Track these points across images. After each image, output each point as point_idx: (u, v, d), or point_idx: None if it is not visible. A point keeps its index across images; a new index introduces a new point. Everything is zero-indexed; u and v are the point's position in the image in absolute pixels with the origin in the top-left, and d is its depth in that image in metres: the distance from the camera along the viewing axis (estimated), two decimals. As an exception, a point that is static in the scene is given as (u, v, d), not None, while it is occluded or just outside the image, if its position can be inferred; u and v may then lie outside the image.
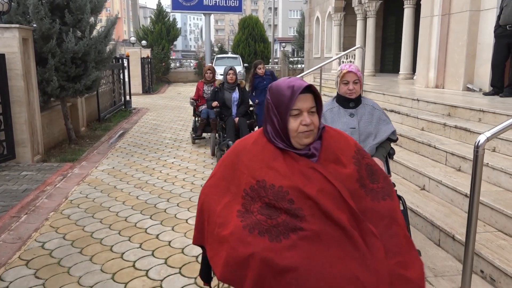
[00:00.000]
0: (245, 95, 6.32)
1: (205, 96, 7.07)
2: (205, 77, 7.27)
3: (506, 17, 5.61)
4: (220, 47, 27.99)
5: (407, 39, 10.73)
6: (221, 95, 6.15)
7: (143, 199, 4.46)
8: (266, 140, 1.63)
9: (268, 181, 1.53)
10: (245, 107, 6.25)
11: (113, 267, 3.00)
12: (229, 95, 6.15)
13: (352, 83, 2.77)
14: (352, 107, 2.85)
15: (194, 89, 7.50)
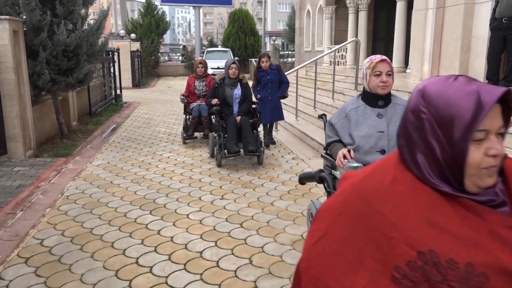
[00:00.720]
0: (248, 91, 5.75)
1: (197, 92, 6.72)
2: (196, 71, 6.77)
3: (502, 10, 5.62)
4: (210, 40, 27.76)
5: (400, 32, 10.75)
6: (222, 92, 5.60)
7: (141, 194, 4.39)
8: (414, 178, 0.94)
9: (441, 252, 0.85)
10: (247, 104, 5.69)
11: (115, 264, 2.94)
12: (230, 91, 5.60)
13: (385, 75, 2.43)
14: (381, 106, 2.50)
15: (185, 83, 7.17)
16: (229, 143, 5.21)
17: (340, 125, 2.61)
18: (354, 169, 2.27)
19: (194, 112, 6.49)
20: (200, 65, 6.78)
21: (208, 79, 6.78)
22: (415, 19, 7.97)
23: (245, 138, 5.24)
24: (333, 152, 2.62)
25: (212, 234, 3.42)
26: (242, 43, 24.49)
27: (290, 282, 2.69)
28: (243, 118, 5.45)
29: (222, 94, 5.60)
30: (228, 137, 5.26)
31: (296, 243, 3.22)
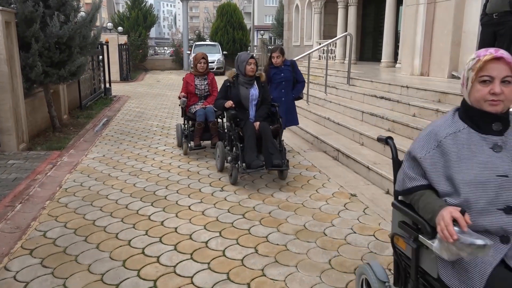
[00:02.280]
0: (266, 91, 4.76)
1: (198, 93, 5.67)
2: (196, 68, 5.70)
3: (493, 5, 5.74)
4: (198, 34, 27.61)
5: (389, 27, 10.88)
6: (236, 92, 4.59)
7: (141, 186, 4.40)
8: None
9: None
10: (266, 107, 4.68)
11: (122, 254, 2.96)
12: (246, 91, 4.59)
13: (499, 82, 1.53)
14: (497, 132, 1.58)
15: (174, 78, 7.11)
16: (249, 155, 4.21)
17: (430, 162, 1.65)
18: (478, 250, 1.39)
19: (199, 117, 5.39)
20: (203, 60, 5.69)
21: (210, 77, 5.81)
22: (406, 14, 8.09)
23: (267, 149, 4.25)
24: (422, 207, 1.63)
25: (215, 224, 3.45)
26: (231, 37, 24.42)
27: (297, 270, 2.74)
28: (263, 124, 4.45)
29: (235, 95, 4.59)
30: (247, 148, 4.27)
31: (299, 233, 3.28)
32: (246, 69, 4.56)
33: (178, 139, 5.96)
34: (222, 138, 5.21)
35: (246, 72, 4.56)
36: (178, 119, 8.15)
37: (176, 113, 9.26)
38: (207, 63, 5.76)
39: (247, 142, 4.30)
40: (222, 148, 4.78)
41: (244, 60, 4.58)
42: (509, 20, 5.57)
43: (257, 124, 4.44)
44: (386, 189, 4.14)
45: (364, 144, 5.30)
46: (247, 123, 4.43)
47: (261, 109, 4.66)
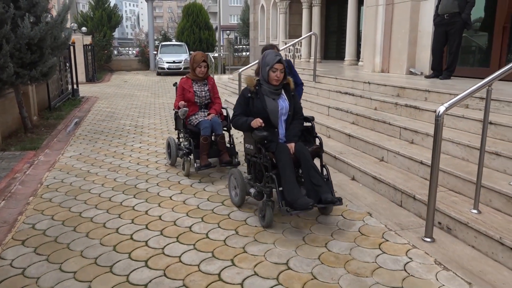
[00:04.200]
0: (298, 102, 3.78)
1: (197, 101, 4.78)
2: (195, 72, 4.76)
3: (444, 7, 6.27)
4: (164, 34, 27.50)
5: (351, 27, 11.39)
6: (260, 105, 3.55)
7: (122, 181, 4.58)
8: None
9: None
10: (299, 123, 3.67)
11: (111, 240, 3.17)
12: (273, 104, 3.56)
13: None
14: None
15: (142, 78, 7.03)
16: (290, 191, 3.17)
17: None
18: None
19: (204, 130, 4.48)
20: (203, 64, 4.76)
21: (210, 81, 4.94)
22: (367, 15, 8.57)
23: (309, 179, 3.29)
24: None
25: (197, 212, 3.71)
26: (197, 37, 24.51)
27: (275, 246, 3.05)
28: (299, 145, 3.44)
29: (260, 109, 3.54)
30: (286, 181, 3.22)
31: (275, 216, 3.58)
32: (270, 77, 3.50)
33: (172, 157, 5.00)
34: (231, 154, 4.63)
35: (270, 80, 3.53)
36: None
37: (148, 113, 9.40)
38: (208, 67, 4.89)
39: (283, 172, 3.24)
40: (240, 177, 3.73)
41: (269, 63, 3.48)
42: (459, 20, 6.12)
43: (292, 147, 3.41)
44: (352, 176, 4.52)
45: (331, 136, 5.67)
46: (279, 146, 3.36)
47: (293, 125, 3.62)
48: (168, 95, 12.75)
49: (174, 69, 20.63)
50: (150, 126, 7.74)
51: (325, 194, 3.21)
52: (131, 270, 2.74)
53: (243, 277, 2.64)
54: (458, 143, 3.91)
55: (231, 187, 3.96)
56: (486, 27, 6.81)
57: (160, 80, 18.35)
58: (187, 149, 4.78)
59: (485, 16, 6.94)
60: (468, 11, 6.05)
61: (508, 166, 3.39)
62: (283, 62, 3.51)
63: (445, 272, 2.65)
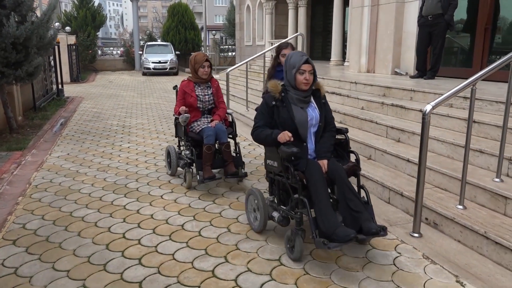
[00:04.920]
0: (329, 111, 3.20)
1: (200, 106, 4.32)
2: (197, 73, 4.30)
3: (428, 8, 6.40)
4: (149, 34, 27.34)
5: (337, 28, 11.52)
6: (287, 115, 2.98)
7: (111, 180, 4.57)
8: None
9: None
10: (331, 136, 3.10)
11: (104, 239, 3.17)
12: (302, 114, 2.99)
13: None
14: None
15: (127, 78, 6.96)
16: (327, 219, 2.63)
17: None
18: None
19: (207, 139, 4.05)
20: (206, 63, 4.31)
21: (214, 84, 4.46)
22: (352, 16, 8.68)
23: (347, 204, 2.74)
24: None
25: (188, 210, 3.74)
26: (182, 37, 24.43)
27: (267, 243, 3.10)
28: (333, 163, 2.92)
29: (287, 120, 2.98)
30: (320, 206, 2.68)
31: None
32: (298, 81, 2.95)
33: (172, 167, 4.62)
34: (238, 164, 4.26)
35: (298, 84, 2.96)
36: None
37: (135, 113, 9.36)
38: (211, 67, 4.43)
39: (316, 195, 2.71)
40: (261, 198, 3.20)
41: (295, 65, 2.94)
42: (442, 21, 6.25)
43: (325, 164, 2.89)
44: (340, 174, 4.59)
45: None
46: (310, 164, 2.84)
47: (325, 139, 3.06)
48: (155, 95, 12.71)
49: (160, 69, 20.53)
50: (137, 126, 7.71)
51: (366, 223, 2.65)
52: (125, 268, 2.76)
53: (236, 273, 2.68)
54: (443, 141, 4.02)
55: (249, 209, 3.40)
56: (469, 28, 6.97)
57: (146, 80, 18.25)
58: (189, 159, 4.31)
59: (467, 18, 7.10)
60: (451, 12, 6.19)
61: (492, 163, 3.50)
62: (312, 63, 2.96)
63: (433, 266, 2.74)
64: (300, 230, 2.83)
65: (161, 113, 9.28)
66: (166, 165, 4.88)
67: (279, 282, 2.58)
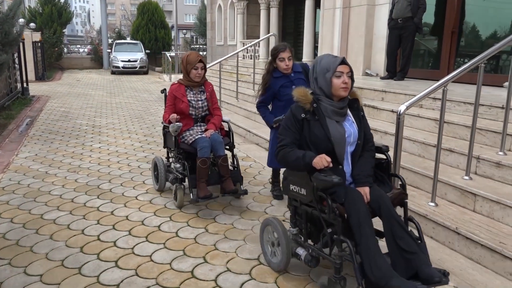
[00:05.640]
0: (368, 126, 2.62)
1: (193, 112, 3.82)
2: (189, 75, 3.80)
3: (398, 11, 6.56)
4: (118, 32, 26.79)
5: (309, 29, 11.64)
6: (320, 132, 2.41)
7: (83, 181, 4.46)
8: None
9: None
10: (370, 155, 2.53)
11: (77, 242, 3.09)
12: (338, 129, 2.43)
13: None
14: None
15: (95, 77, 6.80)
16: (377, 265, 2.12)
17: None
18: None
19: (202, 151, 3.55)
20: (200, 64, 3.78)
21: (208, 87, 3.96)
22: (324, 17, 8.80)
23: (396, 242, 2.22)
24: None
25: (164, 211, 3.69)
26: (153, 35, 24.08)
27: (245, 243, 3.10)
28: (377, 191, 2.37)
29: (320, 137, 2.41)
30: (366, 248, 2.16)
31: (243, 213, 3.64)
32: (335, 86, 2.38)
33: (160, 182, 4.07)
34: (236, 180, 3.79)
35: (335, 90, 2.39)
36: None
37: (105, 112, 9.16)
38: (205, 69, 3.89)
39: (360, 233, 2.17)
40: (282, 230, 2.60)
41: (329, 67, 2.39)
42: (411, 24, 6.43)
43: (367, 193, 2.33)
44: (315, 173, 4.65)
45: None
46: (350, 194, 2.26)
47: (364, 160, 2.49)
48: (125, 95, 12.47)
49: (130, 68, 20.16)
50: (108, 126, 7.55)
51: (425, 268, 2.15)
52: (101, 270, 2.69)
53: (216, 274, 2.67)
54: (414, 141, 4.14)
55: (265, 242, 2.84)
56: (437, 31, 7.20)
57: (115, 79, 17.88)
58: (180, 173, 3.79)
59: (435, 21, 7.33)
60: (420, 16, 6.37)
61: (461, 162, 3.63)
62: (349, 65, 2.43)
63: (408, 262, 2.81)
64: (340, 279, 2.25)
65: (132, 113, 9.12)
66: (153, 179, 4.30)
67: (259, 281, 2.59)
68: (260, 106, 3.82)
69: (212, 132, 3.73)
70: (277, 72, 3.67)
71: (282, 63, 3.61)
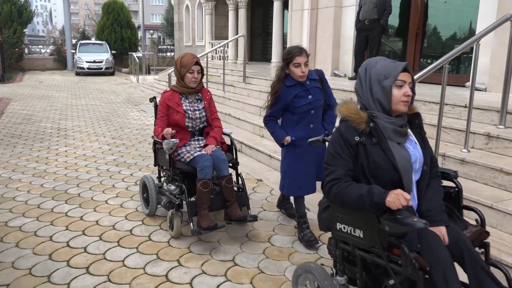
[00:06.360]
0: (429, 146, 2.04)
1: (189, 125, 3.27)
2: (184, 80, 3.26)
3: (365, 13, 6.71)
4: (82, 32, 26.07)
5: (277, 30, 11.72)
6: (382, 158, 1.86)
7: (50, 186, 4.31)
8: None
9: None
10: (438, 184, 2.02)
11: (46, 249, 2.98)
12: (402, 153, 1.88)
13: None
14: None
15: (59, 78, 6.57)
16: None
17: None
18: None
19: (202, 171, 3.02)
20: (196, 67, 3.25)
21: (206, 94, 3.42)
22: (293, 18, 8.89)
23: None
24: None
25: (136, 215, 3.62)
26: (118, 36, 23.57)
27: (220, 244, 3.08)
28: (455, 231, 1.84)
29: (382, 165, 1.87)
30: None
31: (217, 214, 3.61)
32: (395, 99, 1.87)
33: (151, 206, 3.47)
34: (242, 203, 3.22)
35: (394, 104, 1.89)
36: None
37: (70, 115, 8.90)
38: (203, 73, 3.35)
39: None
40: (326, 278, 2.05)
41: (388, 74, 1.88)
42: (378, 26, 6.59)
43: (444, 235, 1.81)
44: (287, 173, 4.68)
45: (264, 136, 5.82)
46: (424, 237, 1.75)
47: (434, 190, 1.98)
48: (91, 96, 12.16)
49: (95, 69, 19.68)
50: (74, 129, 7.34)
51: None
52: (71, 278, 2.62)
53: (191, 277, 2.65)
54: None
55: None
56: (401, 33, 7.41)
57: (80, 80, 17.40)
58: (176, 197, 3.17)
59: (400, 23, 7.55)
60: (386, 17, 6.54)
61: (427, 159, 3.75)
62: (409, 70, 1.91)
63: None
64: None
65: (99, 115, 8.90)
66: (142, 202, 3.67)
67: (235, 283, 2.58)
68: (269, 121, 3.17)
69: (213, 148, 3.19)
70: (290, 79, 3.04)
71: (297, 70, 2.98)
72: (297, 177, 3.10)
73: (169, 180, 3.36)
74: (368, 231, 1.79)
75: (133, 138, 6.68)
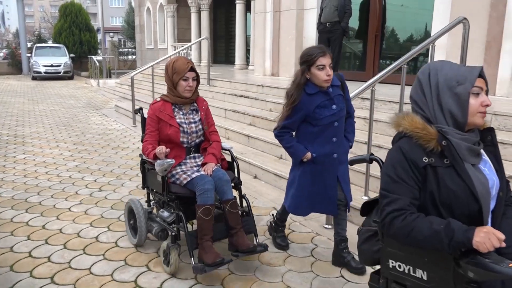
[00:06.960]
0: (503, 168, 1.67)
1: (184, 140, 2.82)
2: (177, 88, 2.80)
3: (326, 16, 6.85)
4: (38, 35, 25.15)
5: (240, 32, 11.78)
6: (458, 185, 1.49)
7: (8, 195, 4.14)
8: None
9: None
10: None
11: (7, 260, 2.87)
12: (479, 178, 1.53)
13: None
14: None
15: (14, 83, 6.33)
16: None
17: None
18: None
19: (204, 196, 2.59)
20: (191, 74, 2.79)
21: (202, 105, 2.98)
22: (256, 21, 8.96)
23: None
24: None
25: (101, 221, 3.54)
26: (77, 38, 22.95)
27: (189, 248, 3.06)
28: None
29: (458, 193, 1.49)
30: None
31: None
32: (473, 109, 1.53)
33: (139, 235, 2.96)
34: (249, 230, 2.80)
35: (472, 116, 1.54)
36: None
37: (28, 121, 8.57)
38: (198, 80, 2.89)
39: None
40: None
41: (463, 80, 1.53)
42: (339, 28, 6.74)
43: None
44: (254, 174, 4.72)
45: (230, 138, 5.83)
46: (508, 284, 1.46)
47: (509, 219, 1.64)
48: (49, 101, 11.75)
49: (53, 73, 19.06)
50: (32, 135, 7.07)
51: None
52: (35, 289, 2.53)
53: (161, 281, 2.62)
54: (347, 139, 4.34)
55: None
56: (361, 35, 7.63)
57: (37, 85, 16.79)
58: (171, 225, 2.71)
59: (360, 26, 7.76)
60: (347, 20, 6.70)
61: (389, 157, 3.88)
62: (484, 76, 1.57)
63: (347, 254, 2.95)
64: None
65: (58, 121, 8.62)
66: (128, 230, 3.15)
67: (206, 285, 2.58)
68: (283, 133, 2.71)
69: (213, 168, 2.76)
70: (311, 86, 2.62)
71: (322, 73, 2.57)
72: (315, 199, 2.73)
73: (160, 204, 2.95)
74: (435, 272, 1.45)
75: (95, 143, 6.52)
